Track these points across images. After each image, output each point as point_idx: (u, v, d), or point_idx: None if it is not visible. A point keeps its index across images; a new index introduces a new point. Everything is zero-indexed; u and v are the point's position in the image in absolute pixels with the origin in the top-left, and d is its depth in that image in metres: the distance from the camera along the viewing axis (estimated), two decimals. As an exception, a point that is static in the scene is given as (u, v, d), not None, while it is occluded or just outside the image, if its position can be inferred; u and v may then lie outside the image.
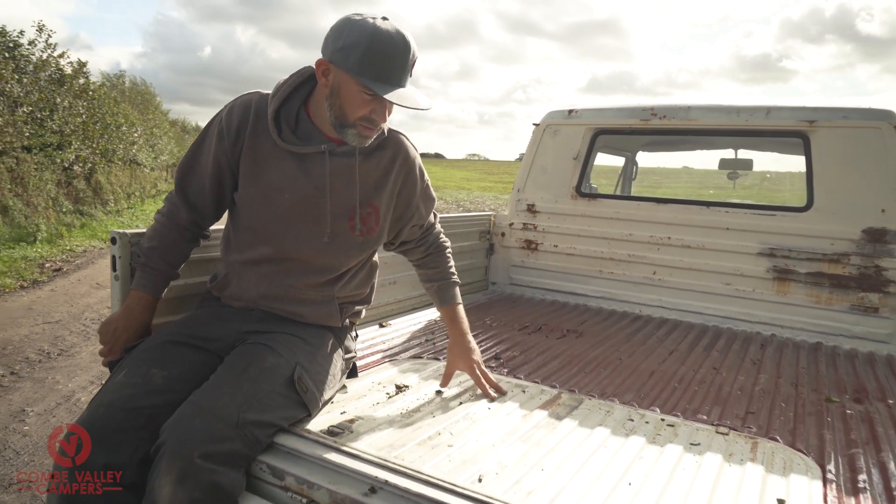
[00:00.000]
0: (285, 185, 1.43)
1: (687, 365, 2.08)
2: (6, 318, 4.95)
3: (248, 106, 1.44)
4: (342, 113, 1.35)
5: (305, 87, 1.44)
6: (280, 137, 1.40)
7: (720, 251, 2.70)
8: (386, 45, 1.28)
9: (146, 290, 1.44)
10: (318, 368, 1.41)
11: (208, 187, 1.46)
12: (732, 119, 2.65)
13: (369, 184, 1.49)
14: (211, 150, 1.45)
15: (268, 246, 1.45)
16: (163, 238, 1.46)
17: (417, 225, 1.66)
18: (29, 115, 9.86)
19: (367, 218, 1.49)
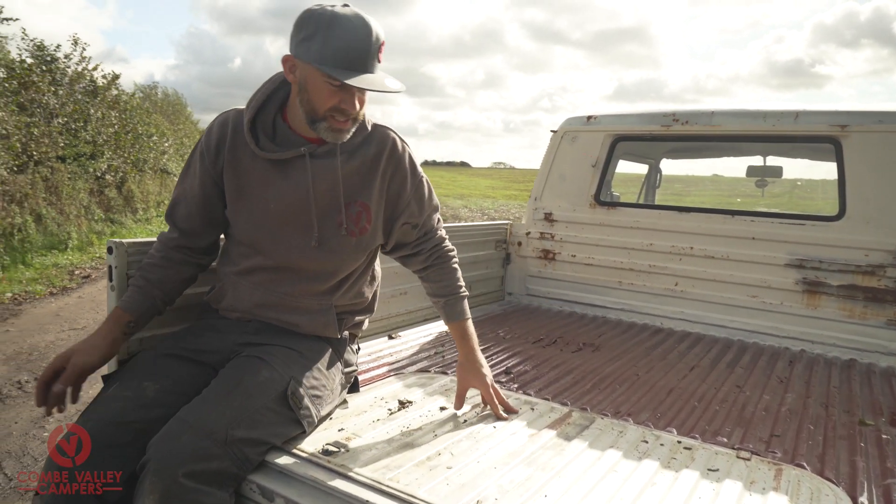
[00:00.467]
0: (269, 195, 1.40)
1: (708, 382, 1.98)
2: (34, 324, 5.05)
3: (226, 122, 1.42)
4: (311, 107, 1.30)
5: (280, 94, 1.41)
6: (258, 147, 1.37)
7: (746, 262, 2.58)
8: (345, 31, 1.23)
9: (121, 306, 1.37)
10: (315, 383, 1.36)
11: (195, 211, 1.44)
12: (759, 124, 2.54)
13: (356, 181, 1.43)
14: (196, 173, 1.43)
15: (260, 255, 1.42)
16: (151, 258, 1.43)
17: (410, 224, 1.55)
18: (64, 126, 10.15)
19: (357, 217, 1.43)
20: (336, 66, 1.22)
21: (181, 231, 1.44)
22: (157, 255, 1.43)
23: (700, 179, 9.23)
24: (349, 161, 1.41)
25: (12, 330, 4.82)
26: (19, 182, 7.98)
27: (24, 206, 7.84)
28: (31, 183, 8.25)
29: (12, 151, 8.31)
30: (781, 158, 3.59)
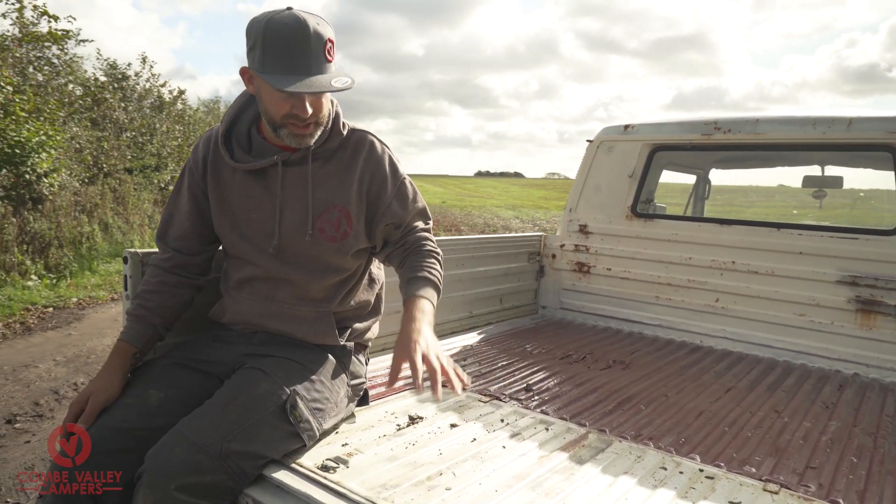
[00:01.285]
0: (250, 205, 1.41)
1: (743, 406, 1.86)
2: (94, 328, 5.32)
3: (209, 138, 1.45)
4: (269, 116, 1.31)
5: (254, 105, 1.42)
6: (232, 159, 1.38)
7: (792, 278, 2.42)
8: (279, 35, 1.21)
9: (124, 339, 1.38)
10: (317, 395, 1.36)
11: (188, 227, 1.46)
12: (807, 132, 2.39)
13: (333, 185, 1.41)
14: (186, 189, 1.46)
15: (253, 266, 1.43)
16: (147, 284, 1.45)
17: (392, 224, 1.48)
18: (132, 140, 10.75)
19: (337, 222, 1.41)
20: (277, 72, 1.21)
21: (174, 251, 1.46)
22: (152, 280, 1.45)
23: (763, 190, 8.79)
24: (325, 166, 1.41)
25: (74, 333, 5.10)
26: (90, 193, 8.48)
27: (94, 215, 8.31)
28: (101, 194, 8.74)
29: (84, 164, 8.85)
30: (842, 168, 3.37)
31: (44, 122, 7.41)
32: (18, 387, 3.80)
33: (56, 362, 4.34)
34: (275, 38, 1.21)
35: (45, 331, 5.16)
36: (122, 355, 1.37)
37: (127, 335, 1.39)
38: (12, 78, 7.09)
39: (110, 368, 1.35)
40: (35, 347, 4.66)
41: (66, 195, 7.78)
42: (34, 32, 7.98)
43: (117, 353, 1.38)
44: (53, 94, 8.46)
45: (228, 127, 1.43)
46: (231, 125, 1.43)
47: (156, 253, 1.49)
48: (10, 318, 5.33)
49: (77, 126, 9.05)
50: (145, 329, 1.41)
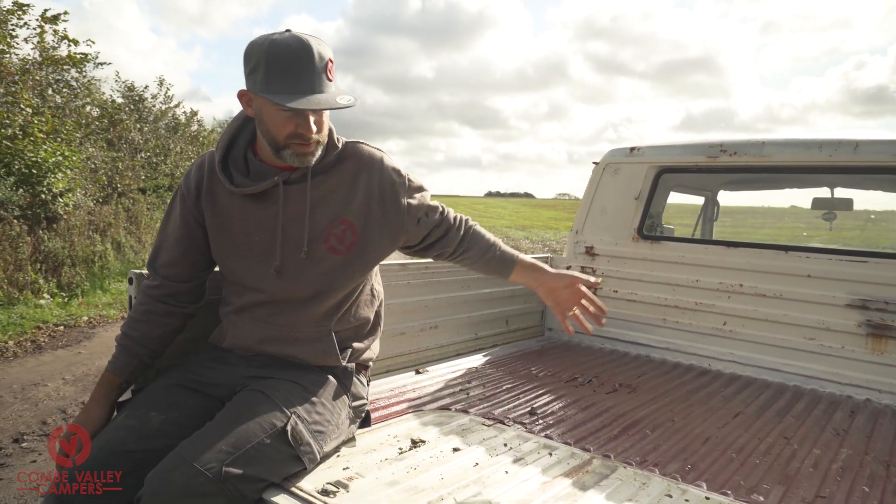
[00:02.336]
0: (251, 229, 1.41)
1: (752, 431, 1.83)
2: (104, 347, 5.35)
3: (202, 164, 1.46)
4: (271, 137, 1.32)
5: (249, 129, 1.44)
6: (231, 184, 1.39)
7: (801, 301, 2.39)
8: (282, 55, 1.24)
9: (109, 370, 1.40)
10: (318, 418, 1.35)
11: (179, 255, 1.46)
12: (814, 155, 2.38)
13: (336, 200, 1.42)
14: (177, 216, 1.46)
15: (254, 292, 1.43)
16: (134, 312, 1.45)
17: (423, 212, 1.52)
18: (146, 160, 10.92)
19: (342, 235, 1.42)
20: (281, 91, 1.24)
21: (164, 278, 1.45)
22: (139, 308, 1.45)
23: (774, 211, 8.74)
24: (325, 181, 1.42)
25: (84, 352, 5.13)
26: (104, 212, 8.60)
27: (107, 234, 8.41)
28: (114, 213, 8.86)
29: (99, 184, 9.00)
30: (849, 190, 3.35)
31: (61, 143, 7.56)
32: (27, 405, 3.82)
33: (65, 381, 4.36)
34: (278, 59, 1.24)
35: (55, 349, 5.20)
36: (107, 386, 1.39)
37: (113, 365, 1.41)
38: (32, 100, 7.25)
39: (95, 400, 1.37)
40: (45, 366, 4.69)
41: (80, 214, 7.90)
42: (54, 56, 8.18)
43: (103, 384, 1.39)
44: (71, 115, 8.64)
45: (225, 152, 1.44)
46: (227, 150, 1.44)
47: (146, 278, 1.49)
48: (21, 336, 5.38)
49: (93, 147, 9.22)
50: (130, 359, 1.41)
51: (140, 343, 1.42)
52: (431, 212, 1.55)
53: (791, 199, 5.90)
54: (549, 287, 1.57)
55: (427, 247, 1.57)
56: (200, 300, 1.53)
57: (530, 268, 1.59)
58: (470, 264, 1.61)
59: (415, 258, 1.83)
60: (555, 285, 1.56)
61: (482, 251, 1.59)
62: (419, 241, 1.54)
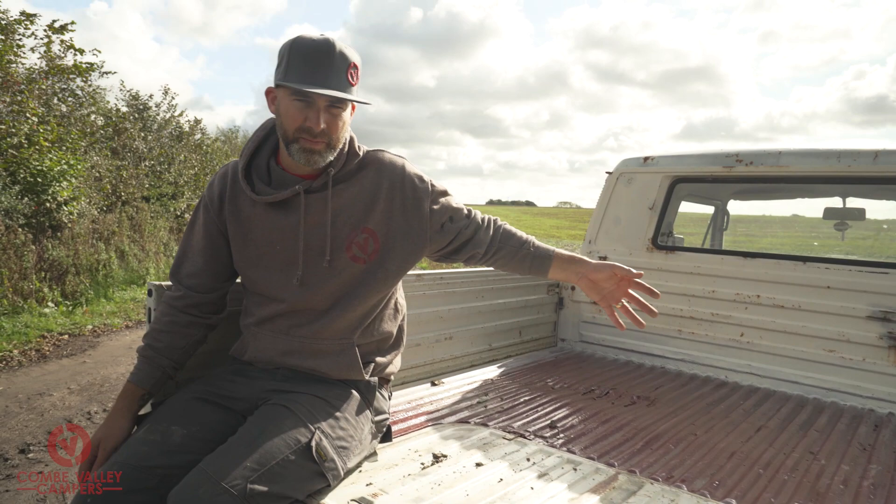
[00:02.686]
0: (274, 238, 1.40)
1: (776, 446, 1.80)
2: (109, 356, 5.32)
3: (225, 174, 1.45)
4: (284, 131, 1.32)
5: (272, 139, 1.43)
6: (254, 192, 1.38)
7: (820, 313, 2.37)
8: (304, 48, 1.26)
9: (132, 381, 1.38)
10: (342, 433, 1.32)
11: (202, 265, 1.44)
12: (832, 165, 2.37)
13: (358, 208, 1.40)
14: (200, 226, 1.45)
15: (276, 302, 1.41)
16: (158, 323, 1.43)
17: (448, 216, 1.49)
18: (150, 169, 10.92)
19: (364, 244, 1.40)
20: (296, 81, 1.26)
21: (187, 288, 1.44)
22: (163, 319, 1.43)
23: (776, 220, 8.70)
24: (347, 189, 1.40)
25: (89, 361, 5.10)
26: (108, 221, 8.59)
27: (111, 243, 8.40)
28: (118, 221, 8.85)
29: (103, 193, 8.99)
30: (864, 200, 3.33)
31: (66, 152, 7.56)
32: (32, 415, 3.78)
33: (70, 390, 4.33)
34: (299, 51, 1.27)
35: (60, 358, 5.17)
36: (129, 398, 1.37)
37: (135, 377, 1.39)
38: (37, 109, 7.26)
39: (118, 411, 1.35)
40: (50, 375, 4.66)
41: (84, 223, 7.88)
42: (60, 65, 8.20)
43: (125, 395, 1.37)
44: (76, 124, 8.65)
45: (248, 160, 1.42)
46: (251, 158, 1.43)
47: (169, 289, 1.47)
48: (25, 345, 5.35)
49: (98, 155, 9.22)
50: (153, 370, 1.40)
51: (164, 354, 1.40)
52: (456, 215, 1.51)
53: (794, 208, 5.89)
54: (590, 280, 1.49)
55: (456, 250, 1.52)
56: (223, 311, 1.50)
57: (569, 261, 1.52)
58: (504, 265, 1.56)
59: (433, 268, 1.80)
60: (596, 277, 1.49)
61: (515, 249, 1.53)
62: (447, 245, 1.50)
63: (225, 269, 1.46)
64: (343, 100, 1.29)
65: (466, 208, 1.55)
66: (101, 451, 1.26)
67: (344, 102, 1.31)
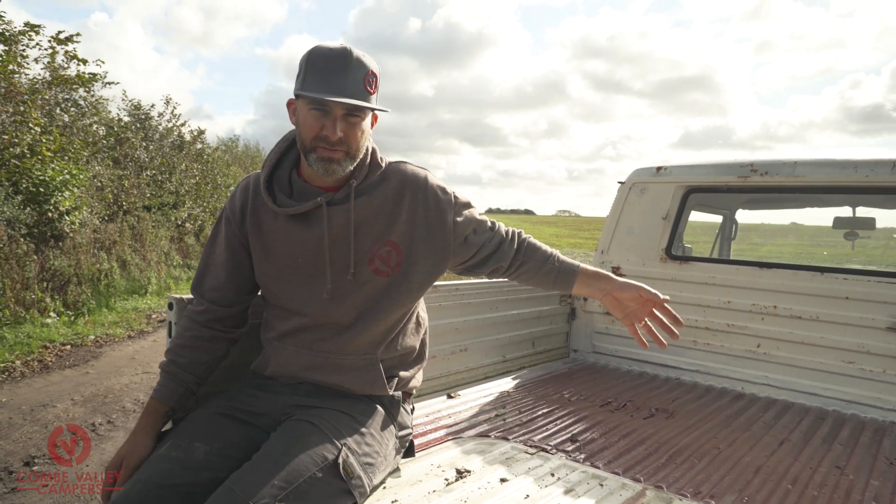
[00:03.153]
0: (296, 251, 1.37)
1: (802, 461, 1.77)
2: (112, 367, 5.28)
3: (247, 186, 1.43)
4: (302, 140, 1.31)
5: (295, 150, 1.42)
6: (275, 204, 1.36)
7: (839, 324, 2.34)
8: (321, 56, 1.26)
9: (156, 397, 1.36)
10: (368, 449, 1.30)
11: (225, 278, 1.42)
12: (849, 175, 2.35)
13: (381, 220, 1.38)
14: (222, 239, 1.43)
15: (299, 316, 1.38)
16: (180, 339, 1.41)
17: (472, 230, 1.46)
18: (151, 178, 10.91)
19: (387, 257, 1.38)
20: (313, 89, 1.25)
21: (210, 302, 1.41)
22: (186, 334, 1.41)
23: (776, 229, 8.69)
24: (369, 201, 1.38)
25: (91, 372, 5.05)
26: (109, 230, 8.56)
27: (112, 252, 8.37)
28: (120, 231, 8.83)
29: (105, 202, 8.97)
30: (878, 210, 3.31)
31: (68, 162, 7.54)
32: (36, 427, 3.74)
33: (74, 402, 4.29)
34: (316, 59, 1.26)
35: (62, 369, 5.13)
36: (153, 414, 1.34)
37: (159, 393, 1.36)
38: (40, 119, 7.25)
39: (142, 429, 1.32)
40: (53, 386, 4.62)
41: (85, 232, 7.85)
42: (63, 76, 8.21)
43: (149, 412, 1.34)
44: (78, 134, 8.64)
45: (270, 172, 1.40)
46: (272, 170, 1.41)
47: (191, 303, 1.45)
48: (28, 355, 5.31)
49: (99, 165, 9.21)
50: (177, 386, 1.37)
51: (187, 370, 1.38)
52: (480, 227, 1.48)
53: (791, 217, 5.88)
54: (615, 297, 1.46)
55: (479, 263, 1.49)
56: (245, 325, 1.48)
57: (594, 277, 1.49)
58: (528, 279, 1.53)
59: (446, 279, 1.77)
60: (621, 296, 1.45)
61: (539, 263, 1.50)
62: (470, 257, 1.47)
63: (247, 283, 1.44)
64: (360, 108, 1.27)
65: (490, 221, 1.53)
66: (124, 468, 1.24)
67: (362, 111, 1.29)
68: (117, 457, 1.26)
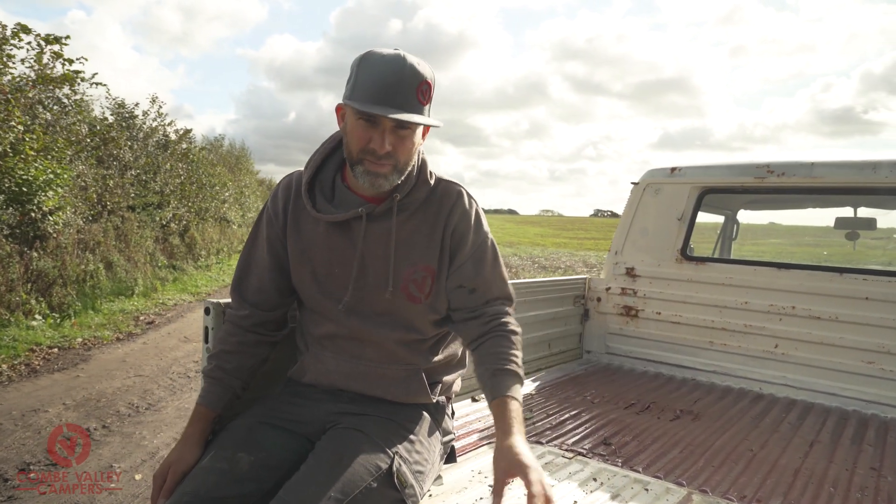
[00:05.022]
0: (333, 259, 1.31)
1: (837, 462, 1.76)
2: (102, 370, 5.14)
3: (289, 185, 1.36)
4: (349, 151, 1.24)
5: (340, 153, 1.34)
6: (314, 209, 1.29)
7: (859, 324, 2.35)
8: (375, 66, 1.16)
9: (204, 404, 1.30)
10: (417, 458, 1.25)
11: (268, 281, 1.35)
12: (868, 176, 2.36)
13: (419, 242, 1.31)
14: (264, 240, 1.36)
15: (333, 323, 1.32)
16: (225, 344, 1.34)
17: (465, 287, 1.32)
18: (136, 178, 10.70)
19: (421, 282, 1.30)
20: (362, 100, 1.17)
21: (253, 305, 1.35)
22: (231, 339, 1.34)
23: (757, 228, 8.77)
24: (410, 220, 1.31)
25: (82, 375, 4.92)
26: (93, 231, 8.37)
27: (96, 253, 8.18)
28: (104, 231, 8.63)
29: (89, 202, 8.77)
30: (875, 210, 3.35)
31: (51, 161, 7.35)
32: (29, 433, 3.61)
33: (66, 406, 4.16)
34: (368, 67, 1.18)
35: (51, 373, 4.98)
36: (202, 421, 1.28)
37: (206, 399, 1.30)
38: (23, 118, 7.06)
39: (190, 437, 1.26)
40: (43, 391, 4.48)
41: (70, 233, 7.67)
42: (48, 75, 8.00)
43: (198, 419, 1.28)
44: (62, 133, 8.43)
45: (313, 174, 1.34)
46: (316, 172, 1.34)
47: (231, 307, 1.38)
48: (14, 359, 5.14)
49: (83, 164, 9.00)
50: (224, 392, 1.31)
51: (234, 375, 1.32)
52: (476, 294, 1.32)
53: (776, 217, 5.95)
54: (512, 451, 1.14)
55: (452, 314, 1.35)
56: (286, 327, 1.42)
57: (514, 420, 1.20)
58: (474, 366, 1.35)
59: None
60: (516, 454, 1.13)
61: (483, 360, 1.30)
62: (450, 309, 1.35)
63: (289, 285, 1.37)
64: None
65: (507, 295, 1.37)
66: (171, 475, 1.17)
67: (413, 124, 1.21)
68: (165, 464, 1.20)
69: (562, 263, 18.50)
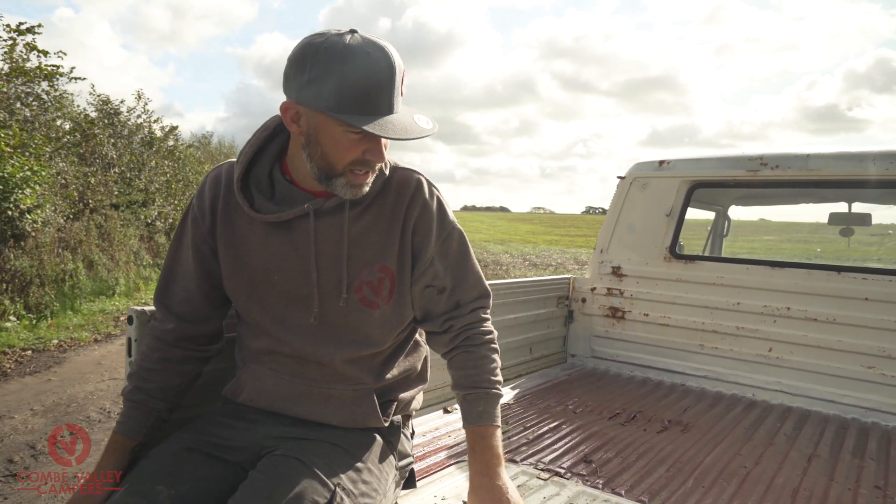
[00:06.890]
0: (273, 265, 1.14)
1: (839, 481, 1.62)
2: (76, 372, 4.97)
3: (218, 179, 1.18)
4: (327, 163, 1.05)
5: (276, 142, 1.17)
6: (252, 208, 1.13)
7: (858, 326, 2.21)
8: (363, 68, 0.97)
9: (121, 432, 1.14)
10: (364, 488, 1.10)
11: (195, 290, 1.19)
12: (867, 168, 2.22)
13: (374, 240, 1.15)
14: (190, 244, 1.19)
15: (272, 339, 1.16)
16: (146, 361, 1.18)
17: (434, 287, 1.19)
18: (119, 175, 10.48)
19: (378, 285, 1.15)
20: (356, 111, 0.98)
21: (178, 318, 1.18)
22: (153, 355, 1.18)
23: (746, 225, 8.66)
24: (363, 215, 1.14)
25: (54, 379, 4.74)
26: (74, 229, 8.16)
27: (78, 252, 7.98)
28: (86, 230, 8.43)
29: (70, 200, 8.55)
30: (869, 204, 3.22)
31: (29, 158, 7.14)
32: (-10, 443, 3.45)
33: (33, 412, 3.99)
34: (357, 72, 0.98)
35: (22, 376, 4.80)
36: (119, 451, 1.12)
37: (125, 426, 1.13)
38: (-2, 113, 6.85)
39: (103, 469, 1.10)
40: (11, 395, 4.30)
41: (49, 231, 7.46)
42: (22, 67, 7.78)
43: (113, 449, 1.12)
44: (41, 129, 8.21)
45: (245, 168, 1.16)
46: (248, 166, 1.16)
47: (155, 318, 1.21)
48: (-16, 363, 4.97)
49: (64, 161, 8.78)
50: (145, 416, 1.15)
51: (157, 396, 1.16)
52: (446, 295, 1.20)
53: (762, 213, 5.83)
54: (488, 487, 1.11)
55: (421, 324, 1.23)
56: (221, 340, 1.26)
57: (488, 449, 1.15)
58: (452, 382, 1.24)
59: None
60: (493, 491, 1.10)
61: (456, 381, 1.21)
62: (419, 315, 1.22)
63: (221, 294, 1.21)
64: None
65: (481, 293, 1.24)
66: None
67: None
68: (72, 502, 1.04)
69: (553, 261, 18.37)
